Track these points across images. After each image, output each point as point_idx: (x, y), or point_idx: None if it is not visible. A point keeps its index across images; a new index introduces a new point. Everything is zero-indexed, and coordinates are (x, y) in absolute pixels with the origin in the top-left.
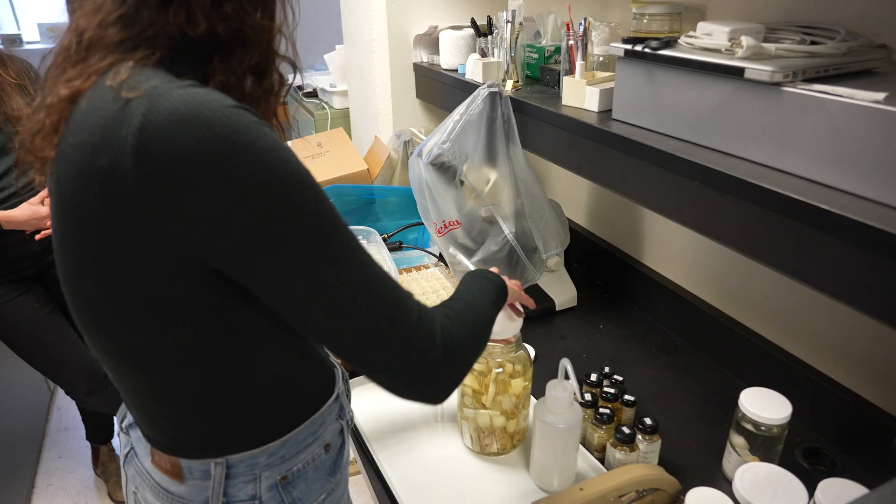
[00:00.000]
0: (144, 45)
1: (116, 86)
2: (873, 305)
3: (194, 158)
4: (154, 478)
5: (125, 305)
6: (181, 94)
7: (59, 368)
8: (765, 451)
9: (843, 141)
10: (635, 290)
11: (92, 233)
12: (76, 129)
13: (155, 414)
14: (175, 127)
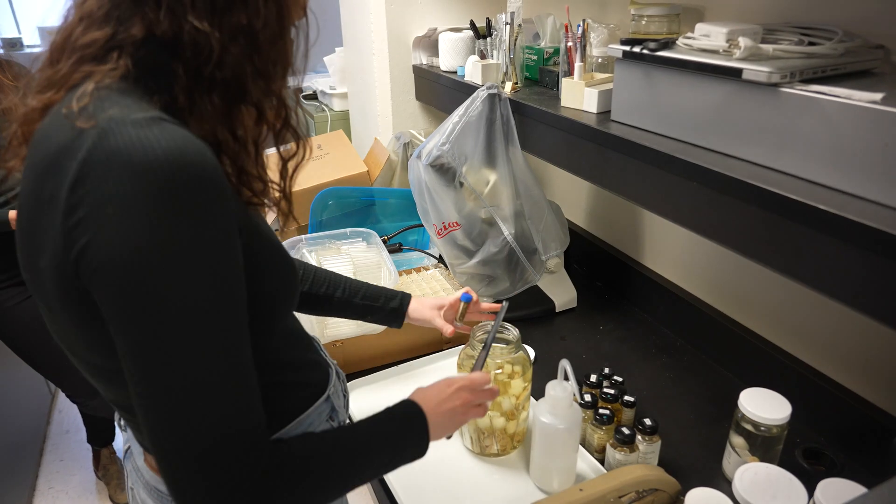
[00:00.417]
0: (111, 52)
1: (74, 113)
2: (871, 305)
3: (115, 204)
4: (146, 476)
5: (79, 328)
6: (132, 133)
7: (63, 372)
8: (764, 451)
9: (840, 141)
10: (635, 292)
11: (34, 256)
12: (34, 148)
13: (134, 421)
14: (111, 170)
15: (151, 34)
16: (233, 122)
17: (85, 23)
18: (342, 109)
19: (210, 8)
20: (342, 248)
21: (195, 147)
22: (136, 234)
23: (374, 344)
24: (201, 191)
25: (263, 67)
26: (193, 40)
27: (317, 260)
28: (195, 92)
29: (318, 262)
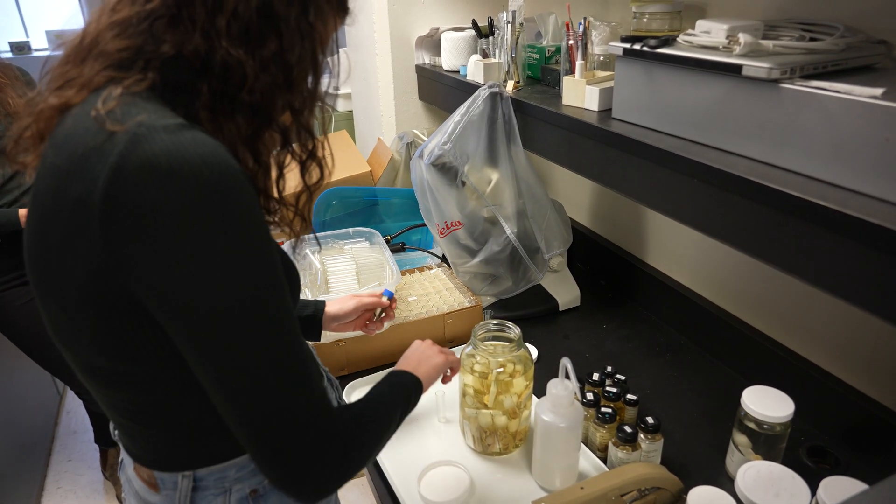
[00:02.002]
0: (139, 63)
1: (102, 116)
2: (873, 302)
3: (161, 214)
4: (135, 486)
5: (84, 329)
6: (165, 139)
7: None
8: (768, 449)
9: (841, 137)
10: (639, 290)
11: (54, 253)
12: (57, 148)
13: (126, 426)
14: (151, 177)
15: (180, 52)
16: (256, 143)
17: (116, 30)
18: (346, 109)
19: (244, 36)
20: (345, 247)
21: (223, 149)
22: (189, 242)
23: (375, 344)
24: (242, 190)
25: (292, 98)
26: (224, 64)
27: (320, 260)
28: (218, 111)
29: (320, 262)
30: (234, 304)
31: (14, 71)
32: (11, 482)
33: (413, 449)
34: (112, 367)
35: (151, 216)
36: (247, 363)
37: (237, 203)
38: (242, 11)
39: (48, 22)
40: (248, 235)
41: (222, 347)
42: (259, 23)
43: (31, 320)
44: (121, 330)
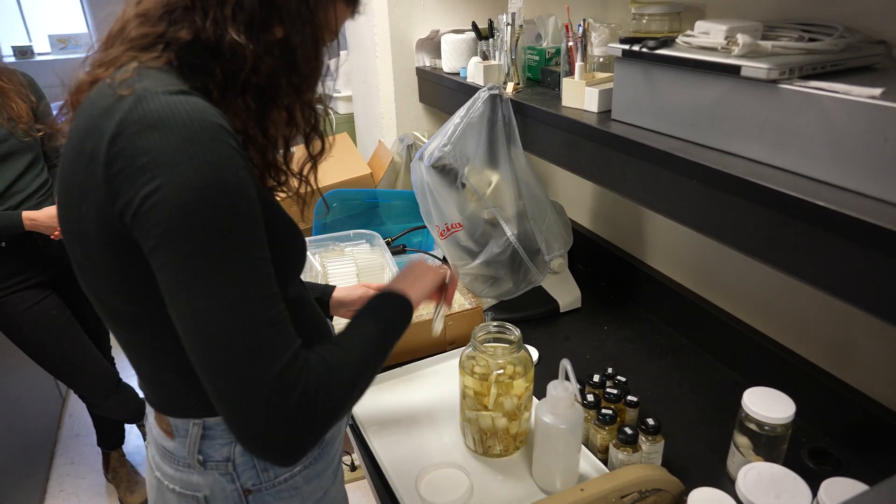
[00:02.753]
0: (159, 45)
1: (116, 84)
2: (872, 302)
3: (145, 160)
4: (154, 433)
5: (103, 272)
6: (163, 99)
7: (76, 374)
8: (769, 450)
9: (839, 137)
10: (640, 291)
11: (75, 205)
12: (80, 114)
13: (145, 371)
14: (144, 128)
15: (197, 38)
16: (265, 121)
17: (140, 19)
18: (346, 112)
19: (248, 23)
20: (346, 249)
21: (214, 111)
22: (173, 184)
23: None
24: (222, 141)
25: (296, 80)
26: (231, 48)
27: (320, 262)
28: (229, 90)
29: (321, 263)
30: (204, 245)
31: (19, 77)
32: (14, 485)
33: (413, 450)
34: (129, 310)
35: (142, 161)
36: (208, 311)
37: (219, 153)
38: (246, 1)
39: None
40: (227, 183)
41: (188, 291)
42: (261, 11)
43: (35, 324)
44: (133, 272)
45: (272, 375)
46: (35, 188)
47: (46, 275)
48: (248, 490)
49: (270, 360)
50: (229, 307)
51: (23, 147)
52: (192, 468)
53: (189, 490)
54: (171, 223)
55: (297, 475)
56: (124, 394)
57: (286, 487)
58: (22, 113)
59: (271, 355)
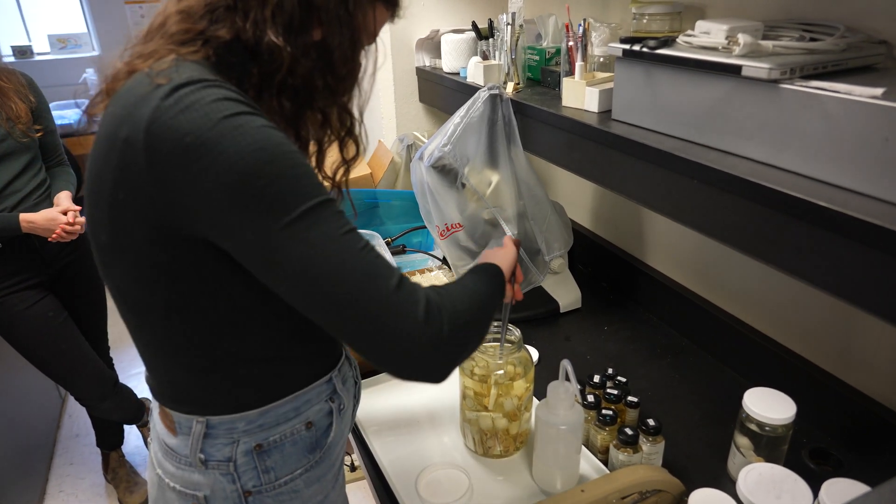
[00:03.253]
0: (196, 41)
1: (153, 73)
2: (874, 302)
3: (189, 139)
4: (157, 429)
5: (128, 259)
6: (198, 86)
7: (72, 376)
8: (770, 451)
9: (841, 137)
10: (640, 292)
11: (107, 191)
12: (117, 100)
13: (155, 363)
14: (179, 112)
15: (237, 38)
16: (298, 122)
17: (181, 16)
18: None
19: (287, 25)
20: None
21: (243, 98)
22: (223, 150)
23: None
24: (258, 115)
25: (332, 82)
26: (269, 50)
27: None
28: (265, 90)
29: None
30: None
31: (18, 77)
32: (13, 485)
33: (413, 451)
34: (146, 299)
35: (187, 141)
36: (308, 258)
37: (258, 121)
38: (286, 3)
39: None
40: (276, 140)
41: (281, 250)
42: (301, 13)
43: (31, 325)
44: (163, 259)
45: (390, 290)
46: (32, 189)
47: (43, 276)
48: (248, 491)
49: (383, 278)
50: (324, 248)
51: (20, 147)
52: (193, 467)
53: (189, 489)
54: (237, 192)
55: (297, 478)
56: (122, 395)
57: (286, 490)
58: (21, 113)
59: (382, 275)
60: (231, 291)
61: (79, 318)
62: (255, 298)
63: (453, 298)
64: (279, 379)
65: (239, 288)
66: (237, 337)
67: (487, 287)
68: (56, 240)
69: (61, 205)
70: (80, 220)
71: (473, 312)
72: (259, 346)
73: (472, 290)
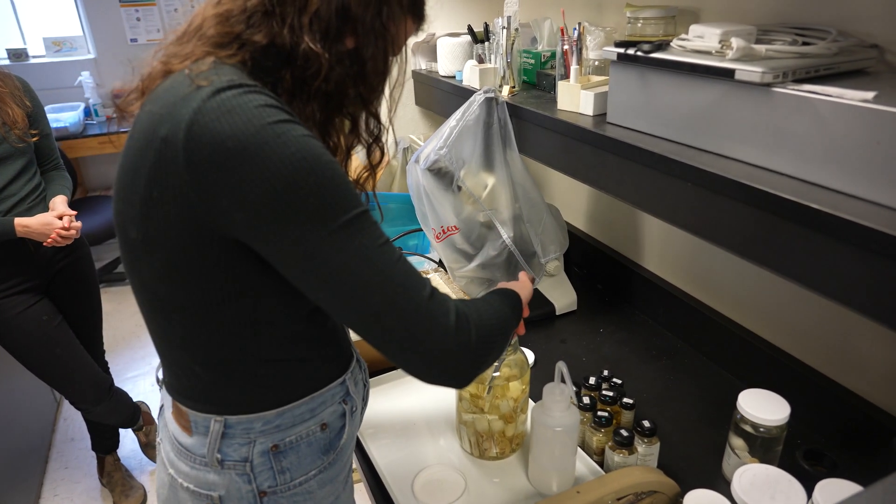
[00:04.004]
0: (233, 44)
1: (194, 75)
2: (866, 304)
3: (231, 144)
4: (170, 428)
5: (156, 255)
6: (238, 91)
7: (67, 380)
8: (764, 452)
9: (833, 140)
10: (636, 294)
11: (141, 186)
12: (155, 99)
13: (172, 360)
14: (221, 115)
15: (272, 43)
16: (328, 128)
17: (219, 19)
18: None
19: (324, 33)
20: None
21: (282, 106)
22: (265, 158)
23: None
24: (297, 123)
25: (364, 90)
26: (305, 56)
27: None
28: (297, 95)
29: None
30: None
31: (14, 80)
32: (8, 489)
33: (409, 453)
34: (172, 296)
35: (228, 145)
36: (348, 266)
37: (298, 130)
38: (324, 11)
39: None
40: (316, 150)
41: (321, 258)
42: (337, 22)
43: (25, 329)
44: (191, 259)
45: (424, 300)
46: (26, 193)
47: (38, 280)
48: (263, 492)
49: (418, 287)
50: (362, 258)
51: (15, 152)
52: (209, 467)
53: (204, 489)
54: (278, 201)
55: (312, 479)
56: (117, 399)
57: (301, 491)
58: (17, 118)
59: (417, 284)
60: (258, 292)
61: (73, 322)
62: (279, 300)
63: (480, 311)
64: (296, 380)
65: (266, 289)
66: (259, 337)
67: (509, 308)
68: (51, 244)
69: (56, 209)
70: (76, 225)
71: (498, 326)
72: (279, 347)
73: (496, 307)
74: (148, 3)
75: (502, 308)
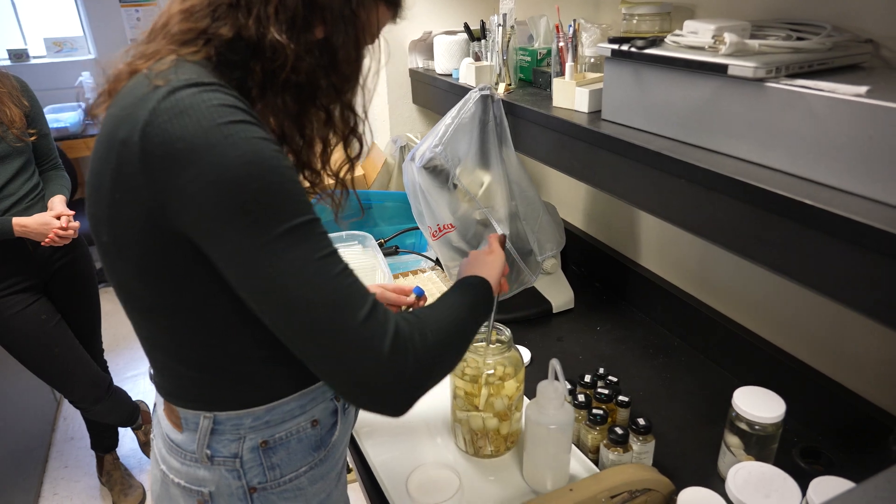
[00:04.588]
0: (198, 41)
1: (152, 75)
2: (859, 300)
3: (181, 145)
4: (162, 425)
5: (128, 258)
6: (194, 90)
7: (66, 379)
8: (759, 450)
9: (826, 136)
10: (633, 292)
11: (106, 189)
12: (116, 101)
13: (159, 360)
14: (174, 117)
15: (239, 35)
16: (302, 120)
17: (184, 15)
18: None
19: (290, 22)
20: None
21: (243, 104)
22: (211, 161)
23: None
24: (251, 124)
25: (336, 80)
26: (272, 47)
27: None
28: (268, 88)
29: None
30: (257, 218)
31: (11, 80)
32: (8, 488)
33: (403, 451)
34: (149, 297)
35: (178, 146)
36: (279, 279)
37: (251, 132)
38: (290, 1)
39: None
40: (265, 155)
41: (254, 266)
42: (304, 11)
43: (24, 328)
44: (161, 260)
45: (358, 322)
46: (24, 192)
47: (36, 279)
48: (253, 488)
49: (351, 309)
50: (298, 270)
51: (13, 152)
52: (199, 463)
53: (194, 485)
54: (220, 203)
55: (302, 476)
56: (116, 398)
57: (291, 487)
58: (15, 118)
59: (351, 305)
60: (232, 292)
61: (72, 322)
62: None
63: (427, 326)
64: (285, 377)
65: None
66: (242, 336)
67: (471, 308)
68: (49, 244)
69: (55, 209)
70: (74, 225)
71: (449, 338)
72: (265, 345)
73: (452, 315)
74: (148, 3)
75: (460, 313)
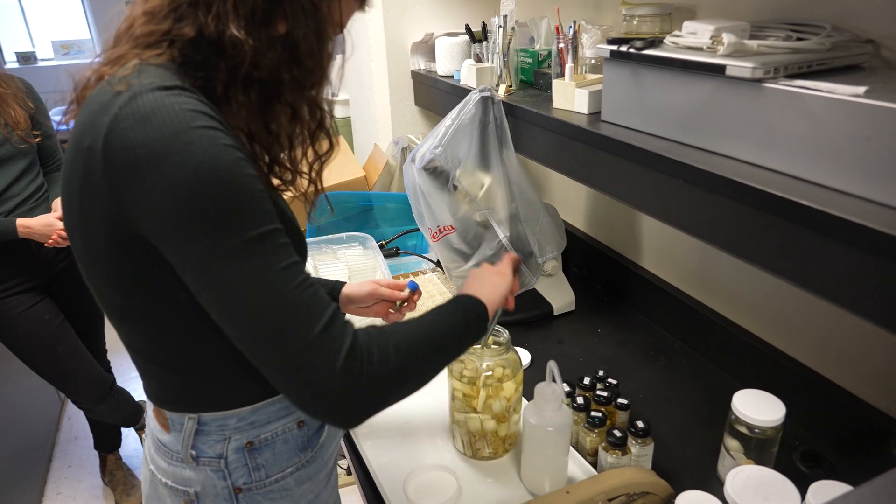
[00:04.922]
0: (162, 42)
1: (115, 80)
2: (857, 302)
3: (141, 152)
4: (151, 426)
5: (101, 265)
6: (157, 94)
7: (69, 378)
8: (759, 453)
9: (824, 136)
10: (634, 294)
11: (75, 197)
12: (82, 109)
13: (142, 366)
14: (136, 123)
15: (201, 34)
16: (267, 116)
17: (146, 17)
18: (343, 116)
19: (249, 18)
20: (338, 252)
21: (206, 107)
22: (170, 168)
23: None
24: (214, 129)
25: (300, 74)
26: (232, 44)
27: (313, 264)
28: (231, 86)
29: (314, 266)
30: (216, 227)
31: (16, 82)
32: (12, 488)
33: (402, 453)
34: (127, 304)
35: (138, 153)
36: (236, 289)
37: (214, 138)
38: None
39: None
40: (226, 162)
41: (212, 275)
42: (264, 5)
43: (28, 328)
44: (131, 265)
45: (313, 335)
46: (29, 194)
47: (40, 279)
48: (238, 488)
49: (307, 321)
50: (255, 280)
51: (18, 153)
52: (184, 463)
53: (181, 485)
54: (179, 211)
55: (288, 476)
56: (119, 398)
57: (277, 488)
58: (20, 119)
59: (307, 317)
60: None
61: (75, 322)
62: None
63: (389, 341)
64: (265, 378)
65: None
66: (218, 338)
67: (453, 327)
68: (52, 245)
69: (58, 210)
70: None
71: (417, 356)
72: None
73: (427, 332)
74: None
75: (435, 332)
